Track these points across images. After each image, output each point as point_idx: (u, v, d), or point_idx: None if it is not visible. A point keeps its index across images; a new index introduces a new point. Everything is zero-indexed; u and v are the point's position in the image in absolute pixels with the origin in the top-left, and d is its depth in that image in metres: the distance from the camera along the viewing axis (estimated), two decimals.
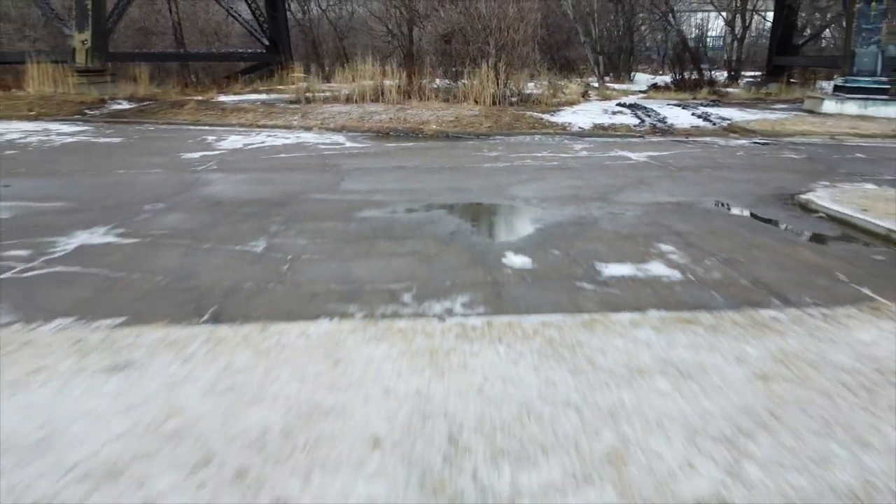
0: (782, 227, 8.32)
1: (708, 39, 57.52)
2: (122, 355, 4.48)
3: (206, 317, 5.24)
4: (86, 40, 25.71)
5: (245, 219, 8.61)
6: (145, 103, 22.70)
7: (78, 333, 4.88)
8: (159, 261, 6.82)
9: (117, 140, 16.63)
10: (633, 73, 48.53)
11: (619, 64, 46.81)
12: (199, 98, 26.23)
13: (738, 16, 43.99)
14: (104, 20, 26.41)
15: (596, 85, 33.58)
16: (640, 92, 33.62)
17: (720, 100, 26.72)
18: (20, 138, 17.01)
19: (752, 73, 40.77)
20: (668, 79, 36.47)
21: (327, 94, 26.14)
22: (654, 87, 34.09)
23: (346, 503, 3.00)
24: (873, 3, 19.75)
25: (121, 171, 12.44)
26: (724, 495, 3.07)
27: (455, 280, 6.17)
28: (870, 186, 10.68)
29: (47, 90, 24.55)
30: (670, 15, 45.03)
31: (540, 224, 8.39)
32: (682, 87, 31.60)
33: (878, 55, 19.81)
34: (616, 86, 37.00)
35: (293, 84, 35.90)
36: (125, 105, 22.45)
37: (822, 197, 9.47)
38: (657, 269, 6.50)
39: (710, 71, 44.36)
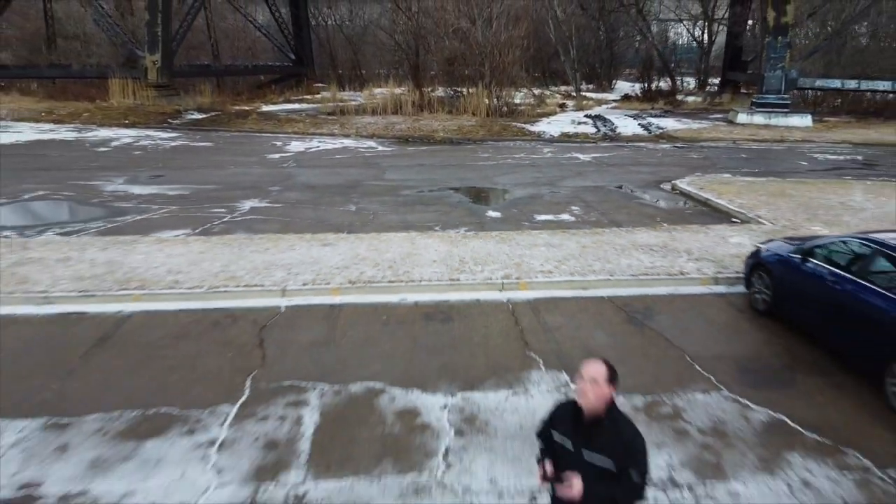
0: (646, 198, 14.28)
1: (684, 47, 63.35)
2: (320, 240, 10.41)
3: (345, 232, 11.20)
4: (156, 60, 31.66)
5: (335, 195, 14.56)
6: (212, 113, 28.66)
7: (296, 235, 10.82)
8: (302, 213, 12.76)
9: (209, 144, 22.58)
10: (614, 82, 54.55)
11: (601, 74, 52.86)
12: (247, 107, 32.21)
13: (705, 31, 49.92)
14: (170, 44, 32.33)
15: (577, 93, 39.44)
16: (614, 101, 39.60)
17: (673, 109, 32.68)
18: (133, 142, 22.94)
19: (717, 80, 46.60)
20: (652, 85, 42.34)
21: (350, 103, 32.15)
22: (626, 97, 40.07)
23: (424, 279, 8.89)
24: (779, 38, 25.69)
25: (230, 166, 18.37)
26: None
27: (460, 221, 12.11)
28: (725, 175, 16.64)
29: (127, 102, 30.51)
30: (646, 30, 50.86)
31: (509, 197, 14.37)
32: (646, 98, 37.56)
33: (783, 78, 25.75)
34: (594, 95, 43.04)
35: (317, 94, 42.02)
36: (197, 115, 28.40)
37: (684, 182, 15.43)
38: (564, 217, 12.47)
39: (681, 79, 50.50)
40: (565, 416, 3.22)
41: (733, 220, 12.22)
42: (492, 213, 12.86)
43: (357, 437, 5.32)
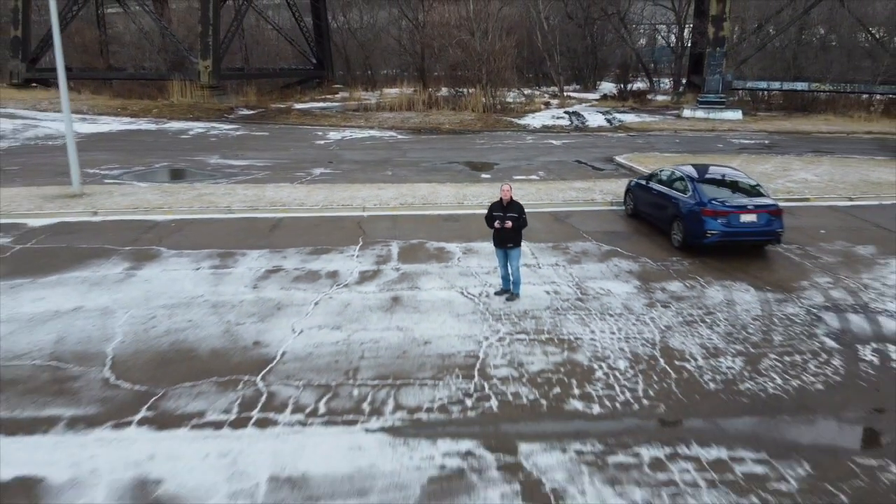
0: (592, 167, 20.55)
1: (665, 50, 69.40)
2: (377, 186, 16.65)
3: (389, 183, 17.47)
4: (208, 66, 37.89)
5: (375, 165, 20.83)
6: (258, 110, 34.93)
7: (360, 184, 17.06)
8: (356, 175, 19.02)
9: (266, 134, 28.83)
10: (598, 82, 60.71)
11: (586, 76, 59.05)
12: (282, 105, 38.47)
13: (678, 40, 56.06)
14: (218, 51, 38.56)
15: (560, 94, 45.63)
16: (594, 100, 45.79)
17: (640, 107, 38.89)
18: (205, 132, 29.17)
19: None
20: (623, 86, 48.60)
21: (369, 101, 38.42)
22: (604, 96, 46.27)
23: (441, 203, 15.11)
24: (717, 49, 31.96)
25: (291, 149, 24.63)
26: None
27: (462, 179, 18.38)
28: (654, 153, 22.86)
29: (186, 100, 36.76)
30: (627, 36, 57.03)
31: (497, 167, 20.64)
32: (620, 97, 43.81)
33: (720, 80, 32.01)
34: (578, 94, 49.26)
35: (336, 94, 48.20)
36: (246, 111, 34.67)
37: (622, 157, 21.68)
38: (533, 177, 18.76)
39: (659, 79, 56.75)
40: (496, 206, 9.46)
41: (618, 166, 18.45)
42: (484, 175, 19.13)
43: (418, 254, 11.58)
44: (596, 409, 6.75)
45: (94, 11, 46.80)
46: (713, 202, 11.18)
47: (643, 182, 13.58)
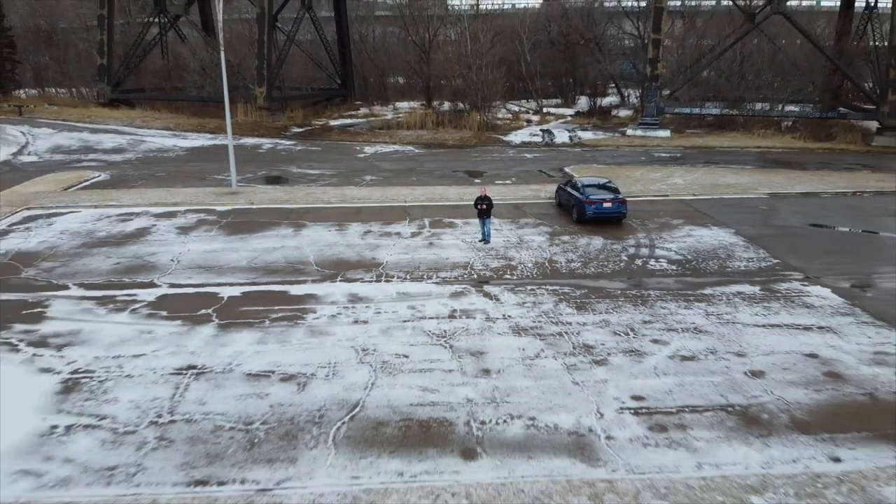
0: (547, 174, 31.16)
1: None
2: (409, 187, 27.22)
3: (416, 186, 28.09)
4: (262, 91, 48.39)
5: (405, 174, 31.44)
6: (306, 128, 45.50)
7: (399, 186, 27.66)
8: (393, 181, 29.63)
9: (318, 149, 39.37)
10: (578, 98, 71.14)
11: (566, 93, 69.47)
12: (319, 122, 48.99)
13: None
14: (271, 79, 49.03)
15: (540, 112, 56.18)
16: (570, 115, 56.29)
17: (601, 124, 49.38)
18: (273, 147, 39.70)
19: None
20: (598, 103, 59.12)
21: (387, 116, 49.03)
22: (577, 113, 56.80)
23: (450, 197, 25.63)
24: (653, 84, 42.55)
25: (342, 161, 35.19)
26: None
27: (462, 182, 28.98)
28: (594, 165, 33.46)
29: (248, 119, 47.24)
30: (602, 59, 67.51)
31: (486, 175, 31.28)
32: (590, 114, 54.34)
33: (655, 107, 42.58)
34: (557, 111, 59.75)
35: (358, 110, 58.77)
36: (297, 129, 45.22)
37: (569, 167, 32.30)
38: (507, 181, 29.36)
39: (629, 94, 67.21)
40: (478, 198, 20.01)
41: (569, 176, 29.02)
42: (476, 181, 29.68)
43: (439, 224, 22.12)
44: (516, 276, 17.30)
45: (161, 41, 57.30)
46: (591, 197, 21.74)
47: (563, 186, 24.14)
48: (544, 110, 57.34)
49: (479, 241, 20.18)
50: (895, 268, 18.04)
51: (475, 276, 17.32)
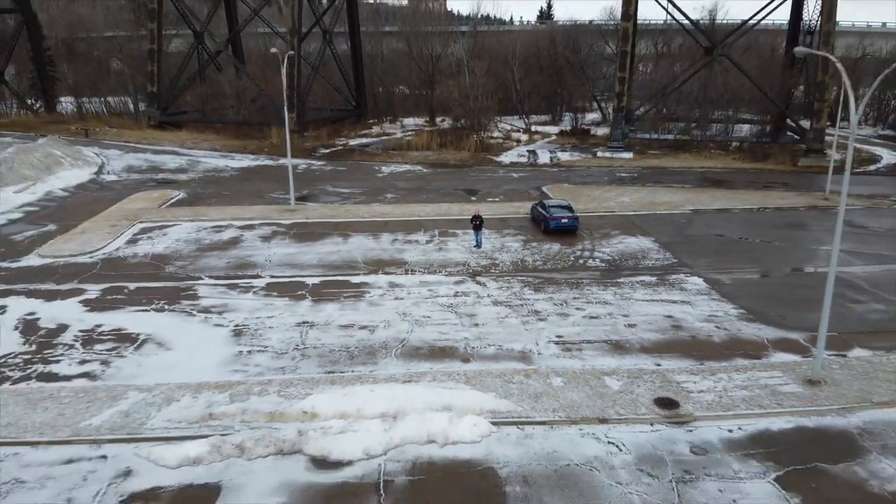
0: (528, 192, 39.95)
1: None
2: (422, 204, 36.01)
3: (427, 203, 36.93)
4: (293, 116, 57.11)
5: (417, 192, 40.29)
6: (331, 149, 54.27)
7: (414, 203, 36.49)
8: (409, 198, 38.45)
9: (344, 169, 48.16)
10: (564, 115, 79.91)
11: (553, 109, 78.22)
12: (341, 142, 57.73)
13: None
14: (302, 107, 57.75)
15: (529, 132, 64.95)
16: (554, 134, 65.05)
17: (579, 144, 58.14)
18: (308, 168, 48.47)
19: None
20: (579, 121, 67.95)
21: (397, 135, 57.84)
22: (562, 132, 65.53)
23: (453, 213, 34.41)
24: (619, 114, 51.31)
25: (365, 180, 43.98)
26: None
27: (462, 201, 37.80)
28: (565, 185, 42.29)
29: (281, 142, 55.90)
30: (585, 82, 76.32)
31: (480, 193, 40.11)
32: (571, 134, 63.10)
33: (621, 133, 51.38)
34: (544, 129, 68.55)
35: (371, 129, 67.58)
36: (324, 150, 53.99)
37: (545, 187, 41.13)
38: (496, 199, 38.18)
39: (609, 111, 75.86)
40: (473, 216, 28.80)
41: (545, 196, 37.88)
42: (472, 198, 38.45)
43: (445, 234, 30.90)
44: (498, 271, 26.05)
45: (200, 74, 66.06)
46: (553, 214, 30.52)
47: (535, 205, 32.93)
48: (532, 128, 66.21)
49: (474, 246, 28.93)
50: (754, 265, 26.85)
51: (470, 270, 26.11)
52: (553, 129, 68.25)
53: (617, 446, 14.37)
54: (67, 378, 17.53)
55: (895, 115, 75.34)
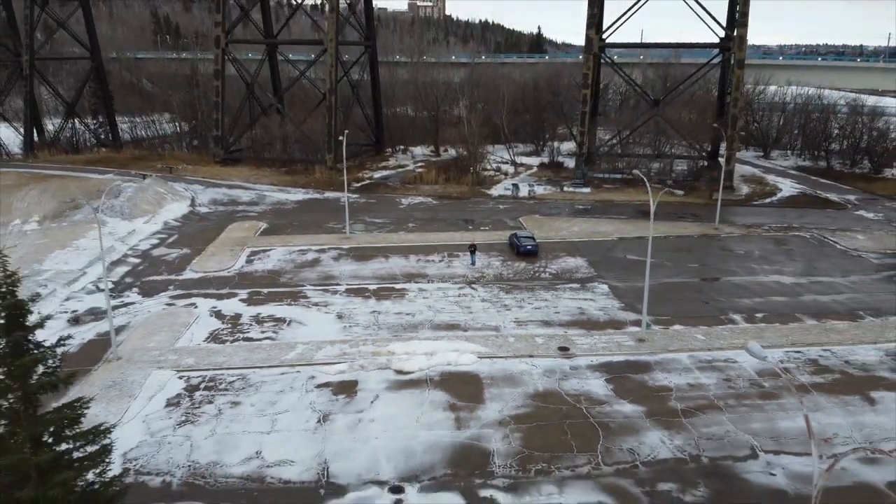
0: (508, 223, 56.55)
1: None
2: (434, 233, 52.60)
3: (441, 232, 53.61)
4: (331, 156, 73.55)
5: (430, 222, 56.94)
6: (362, 183, 70.81)
7: (428, 232, 53.13)
8: (424, 227, 55.06)
9: (374, 201, 64.77)
10: (545, 146, 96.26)
11: (537, 141, 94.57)
12: (366, 175, 74.30)
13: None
14: (337, 147, 74.09)
15: (516, 164, 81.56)
16: (536, 167, 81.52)
17: (552, 176, 74.65)
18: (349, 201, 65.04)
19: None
20: (556, 155, 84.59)
21: (409, 165, 74.54)
22: (542, 164, 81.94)
23: (455, 240, 50.94)
24: (580, 157, 67.87)
25: (391, 212, 60.63)
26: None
27: (462, 230, 54.40)
28: (536, 216, 58.92)
29: (323, 177, 72.42)
30: (566, 121, 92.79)
31: (475, 222, 56.76)
32: (548, 167, 79.60)
33: (582, 173, 67.86)
34: (528, 159, 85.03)
35: (388, 161, 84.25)
36: (357, 185, 70.53)
37: (521, 218, 57.77)
38: (485, 228, 54.83)
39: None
40: (470, 244, 45.38)
41: (519, 227, 54.39)
42: (470, 227, 55.01)
43: (451, 256, 47.45)
44: (484, 281, 42.53)
45: (253, 124, 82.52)
46: (522, 242, 47.06)
47: (511, 235, 49.48)
48: (517, 160, 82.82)
49: (470, 264, 45.37)
50: (651, 278, 43.38)
51: (467, 280, 42.62)
52: (535, 161, 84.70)
53: (534, 366, 30.96)
54: (259, 340, 34.07)
55: (825, 146, 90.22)
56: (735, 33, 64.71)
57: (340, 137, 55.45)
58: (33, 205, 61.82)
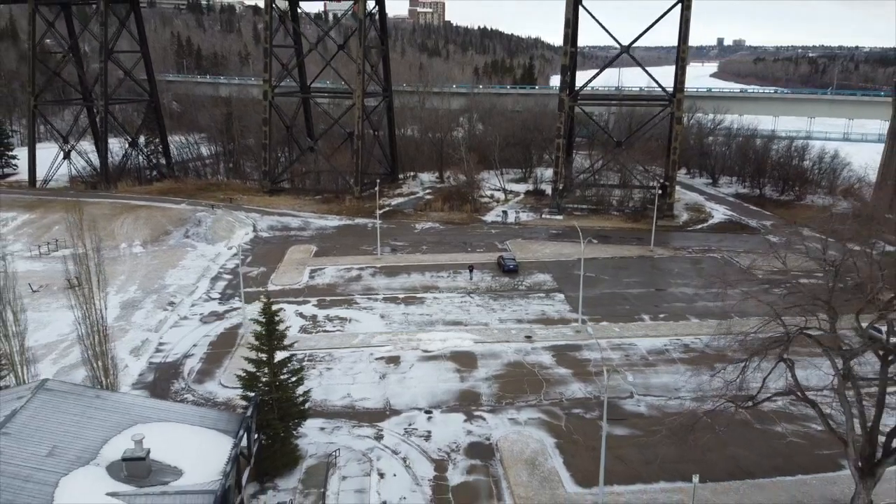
0: (497, 245, 75.33)
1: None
2: (443, 254, 71.43)
3: (445, 253, 72.44)
4: (358, 188, 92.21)
5: (438, 245, 75.79)
6: (382, 210, 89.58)
7: (438, 254, 72.03)
8: (435, 248, 73.87)
9: (394, 226, 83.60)
10: (534, 172, 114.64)
11: (524, 171, 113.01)
12: (384, 202, 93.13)
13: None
14: (362, 180, 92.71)
15: (506, 191, 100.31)
16: (522, 194, 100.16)
17: (534, 204, 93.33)
18: (373, 227, 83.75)
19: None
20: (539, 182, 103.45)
21: (418, 192, 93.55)
22: (527, 192, 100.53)
23: (458, 261, 69.66)
24: (556, 190, 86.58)
25: (408, 235, 79.63)
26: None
27: (463, 251, 73.18)
28: (518, 239, 77.75)
29: (352, 205, 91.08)
30: (549, 154, 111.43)
31: (472, 245, 75.63)
32: (532, 194, 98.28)
33: (557, 203, 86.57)
34: (516, 186, 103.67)
35: (402, 187, 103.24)
36: (379, 211, 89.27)
37: (506, 242, 76.64)
38: (480, 249, 73.67)
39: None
40: (469, 265, 64.19)
41: (505, 249, 73.10)
42: (469, 248, 73.77)
43: (455, 273, 66.30)
44: (479, 291, 61.34)
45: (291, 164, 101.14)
46: (506, 261, 65.80)
47: (499, 256, 68.23)
48: (506, 188, 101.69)
49: (469, 279, 64.07)
50: (591, 289, 62.15)
51: (467, 290, 61.40)
52: (522, 188, 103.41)
53: (509, 347, 49.80)
54: (332, 332, 52.86)
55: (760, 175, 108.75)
56: (675, 97, 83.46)
57: (366, 181, 73.71)
58: (131, 231, 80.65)
